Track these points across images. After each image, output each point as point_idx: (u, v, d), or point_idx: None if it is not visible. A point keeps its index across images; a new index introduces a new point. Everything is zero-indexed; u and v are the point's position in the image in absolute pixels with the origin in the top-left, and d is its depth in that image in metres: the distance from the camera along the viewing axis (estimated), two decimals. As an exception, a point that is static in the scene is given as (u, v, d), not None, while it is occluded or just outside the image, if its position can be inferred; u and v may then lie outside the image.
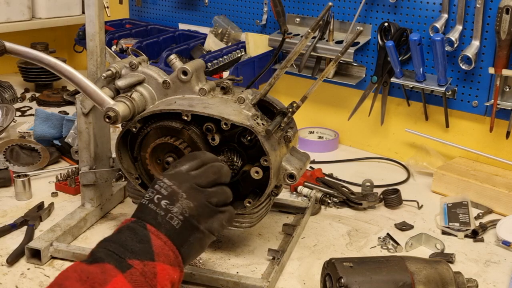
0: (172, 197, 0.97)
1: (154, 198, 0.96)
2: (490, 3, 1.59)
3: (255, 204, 1.20)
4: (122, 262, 0.86)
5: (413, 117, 1.84)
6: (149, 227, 0.93)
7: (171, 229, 0.94)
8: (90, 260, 0.87)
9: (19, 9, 2.46)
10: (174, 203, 0.96)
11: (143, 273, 0.86)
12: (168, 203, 0.96)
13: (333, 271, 1.03)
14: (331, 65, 1.17)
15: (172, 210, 0.95)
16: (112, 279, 0.82)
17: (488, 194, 1.53)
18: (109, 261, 0.85)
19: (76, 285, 0.80)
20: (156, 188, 0.98)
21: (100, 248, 0.89)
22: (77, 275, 0.82)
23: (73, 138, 1.69)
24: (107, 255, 0.87)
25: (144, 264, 0.87)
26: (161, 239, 0.92)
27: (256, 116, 1.17)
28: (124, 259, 0.86)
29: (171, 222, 0.94)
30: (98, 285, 0.81)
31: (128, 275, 0.84)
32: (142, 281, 0.85)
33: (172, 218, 0.95)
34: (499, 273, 1.25)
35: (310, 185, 1.57)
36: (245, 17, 2.15)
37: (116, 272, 0.84)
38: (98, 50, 1.32)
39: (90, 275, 0.82)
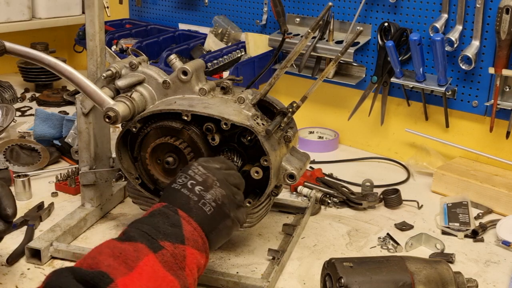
0: (206, 184, 0.99)
1: (188, 183, 0.99)
2: (490, 3, 1.59)
3: (255, 204, 1.20)
4: (154, 242, 0.88)
5: (413, 117, 1.84)
6: (180, 212, 0.95)
7: (203, 215, 0.97)
8: (123, 238, 0.89)
9: (19, 9, 2.46)
10: (208, 189, 0.99)
11: (174, 255, 0.89)
12: (202, 189, 0.99)
13: (333, 271, 1.03)
14: (331, 65, 1.17)
15: (205, 197, 0.98)
16: (144, 257, 0.85)
17: (488, 194, 1.53)
18: (141, 241, 0.88)
19: (109, 259, 0.83)
20: (190, 174, 1.01)
21: (133, 228, 0.91)
22: (110, 251, 0.85)
23: (73, 138, 1.69)
24: (140, 235, 0.89)
25: (174, 247, 0.89)
26: (192, 225, 0.94)
27: (256, 116, 1.17)
28: (156, 240, 0.89)
29: (203, 208, 0.97)
30: (130, 261, 0.83)
31: (159, 255, 0.87)
32: (172, 262, 0.88)
33: (204, 204, 0.97)
34: (499, 273, 1.25)
35: (310, 185, 1.57)
36: (245, 17, 2.15)
37: (148, 251, 0.86)
38: (98, 50, 1.32)
39: (123, 251, 0.85)
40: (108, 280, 0.79)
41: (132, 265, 0.83)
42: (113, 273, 0.80)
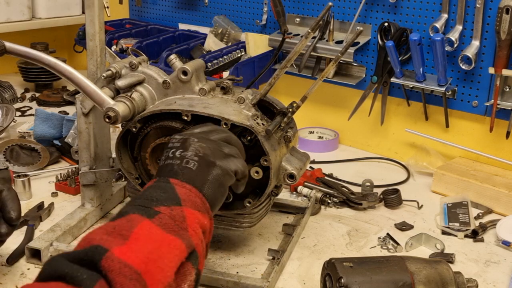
0: (184, 144, 0.98)
1: (169, 154, 0.98)
2: (490, 3, 1.59)
3: (255, 204, 1.20)
4: (149, 210, 0.85)
5: (413, 117, 1.84)
6: (171, 180, 0.92)
7: (189, 172, 0.94)
8: (115, 217, 0.86)
9: (19, 9, 2.46)
10: (187, 148, 0.97)
11: (172, 217, 0.85)
12: (182, 151, 0.97)
13: (333, 271, 1.03)
14: (331, 65, 1.17)
15: (186, 155, 0.96)
16: (138, 224, 0.82)
17: (488, 194, 1.53)
18: (133, 212, 0.85)
19: (102, 235, 0.79)
20: (169, 146, 1.00)
21: (125, 206, 0.89)
22: (103, 230, 0.81)
23: (73, 138, 1.69)
24: (132, 208, 0.86)
25: (171, 209, 0.86)
26: (185, 187, 0.92)
27: (256, 116, 1.17)
28: (151, 207, 0.85)
29: (187, 166, 0.95)
30: (125, 232, 0.80)
31: (156, 219, 0.83)
32: (172, 224, 0.84)
33: (188, 162, 0.95)
34: (499, 273, 1.25)
35: (310, 185, 1.57)
36: (245, 17, 2.15)
37: (142, 218, 0.83)
38: (98, 50, 1.32)
39: (117, 226, 0.81)
40: (103, 250, 0.75)
41: (127, 234, 0.79)
42: (107, 244, 0.76)
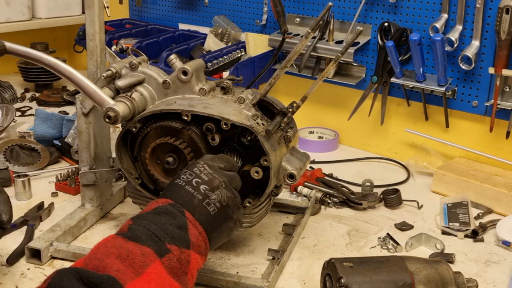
0: (212, 184, 0.99)
1: (193, 181, 0.98)
2: (490, 3, 1.59)
3: (255, 204, 1.20)
4: (161, 246, 0.87)
5: (413, 117, 1.84)
6: (187, 214, 0.94)
7: (206, 215, 0.96)
8: (128, 235, 0.88)
9: (19, 9, 2.46)
10: (213, 190, 0.98)
11: (179, 260, 0.88)
12: (208, 189, 0.98)
13: (333, 271, 1.03)
14: (331, 65, 1.17)
15: (210, 197, 0.97)
16: (152, 263, 0.84)
17: (488, 194, 1.53)
18: (149, 244, 0.86)
19: (117, 263, 0.82)
20: (195, 172, 1.00)
21: (139, 226, 0.89)
22: (116, 251, 0.84)
23: (73, 138, 1.69)
24: (147, 236, 0.87)
25: (181, 251, 0.89)
26: (197, 228, 0.94)
27: (256, 116, 1.17)
28: (164, 243, 0.88)
29: (207, 207, 0.96)
30: (138, 267, 0.82)
31: (166, 259, 0.86)
32: (177, 268, 0.87)
33: (209, 204, 0.97)
34: (499, 273, 1.25)
35: (310, 185, 1.57)
36: (245, 17, 2.15)
37: (155, 257, 0.85)
38: (98, 50, 1.32)
39: (130, 254, 0.84)
40: (118, 286, 0.78)
41: (140, 270, 0.82)
42: (122, 278, 0.79)
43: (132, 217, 0.94)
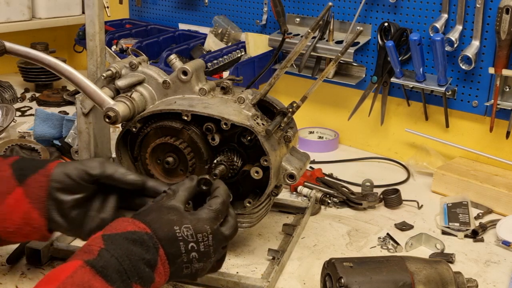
0: (203, 257, 0.95)
1: (189, 244, 0.93)
2: (490, 3, 1.59)
3: (255, 204, 1.20)
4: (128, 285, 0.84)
5: (413, 117, 1.84)
6: (160, 252, 0.90)
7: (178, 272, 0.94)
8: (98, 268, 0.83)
9: (19, 9, 2.46)
10: (200, 261, 0.95)
11: None
12: (197, 258, 0.94)
13: (333, 271, 1.03)
14: (331, 65, 1.17)
15: (193, 264, 0.94)
16: None
17: (488, 194, 1.53)
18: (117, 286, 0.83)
19: None
20: (198, 237, 0.94)
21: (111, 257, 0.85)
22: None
23: (73, 138, 1.69)
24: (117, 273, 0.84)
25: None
26: (164, 267, 0.90)
27: (256, 116, 1.17)
28: (131, 282, 0.85)
29: (184, 269, 0.94)
30: None
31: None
32: None
33: (187, 268, 0.94)
34: (499, 273, 1.25)
35: (310, 185, 1.57)
36: (245, 17, 2.15)
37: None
38: (98, 50, 1.32)
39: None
40: None
41: None
42: None
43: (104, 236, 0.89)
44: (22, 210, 1.03)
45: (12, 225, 1.04)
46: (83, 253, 0.86)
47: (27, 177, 1.04)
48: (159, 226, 0.92)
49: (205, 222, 0.96)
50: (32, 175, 1.04)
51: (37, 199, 1.04)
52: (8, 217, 1.03)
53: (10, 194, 1.03)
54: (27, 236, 1.07)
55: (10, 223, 1.04)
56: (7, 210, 1.03)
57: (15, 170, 1.05)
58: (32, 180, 1.04)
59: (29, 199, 1.03)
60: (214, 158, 1.20)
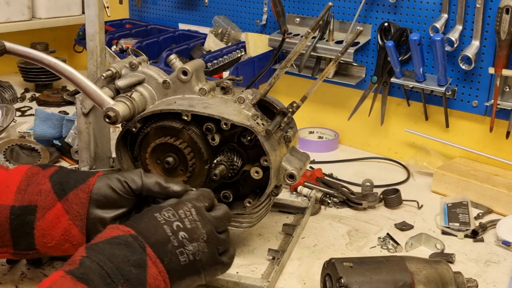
0: (193, 234, 0.91)
1: (174, 224, 0.90)
2: (490, 3, 1.59)
3: (255, 204, 1.20)
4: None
5: (413, 117, 1.84)
6: (148, 250, 0.87)
7: (175, 264, 0.89)
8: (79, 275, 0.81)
9: (19, 9, 2.46)
10: (192, 241, 0.91)
11: None
12: (186, 238, 0.90)
13: (333, 271, 1.03)
14: (331, 65, 1.17)
15: (186, 246, 0.90)
16: None
17: (488, 194, 1.53)
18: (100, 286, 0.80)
19: None
20: (179, 214, 0.92)
21: (92, 263, 0.83)
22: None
23: (73, 138, 1.69)
24: (99, 277, 0.81)
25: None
26: (158, 267, 0.87)
27: (256, 116, 1.17)
28: (116, 285, 0.82)
29: (179, 256, 0.89)
30: None
31: None
32: None
33: (182, 253, 0.89)
34: (499, 273, 1.25)
35: (310, 185, 1.57)
36: (245, 17, 2.15)
37: None
38: (98, 50, 1.32)
39: None
40: None
41: None
42: None
43: (87, 246, 0.87)
44: (62, 226, 1.01)
45: (52, 241, 1.02)
46: (66, 265, 0.84)
47: (67, 192, 1.02)
48: (142, 225, 0.91)
49: (184, 201, 0.95)
50: (72, 191, 1.02)
51: (77, 216, 1.01)
52: (48, 232, 1.01)
53: (50, 209, 1.01)
54: (66, 251, 1.03)
55: (49, 238, 1.02)
56: (47, 226, 1.01)
57: (55, 184, 1.03)
58: (73, 196, 1.01)
59: (69, 216, 1.01)
60: (214, 158, 1.20)
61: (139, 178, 1.03)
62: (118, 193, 1.02)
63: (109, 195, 1.02)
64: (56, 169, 1.07)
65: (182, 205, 0.94)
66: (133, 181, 1.03)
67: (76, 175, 1.05)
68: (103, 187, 1.02)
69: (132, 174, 1.04)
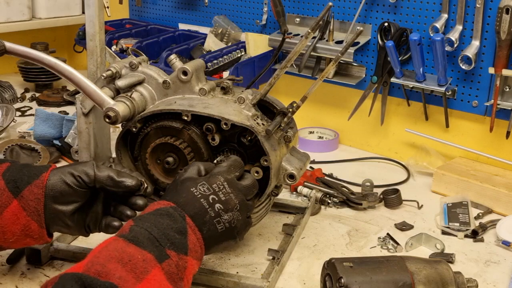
0: (227, 205, 1.00)
1: (209, 197, 0.99)
2: (490, 3, 1.59)
3: (255, 204, 1.20)
4: (161, 251, 0.88)
5: (413, 117, 1.84)
6: (188, 219, 0.95)
7: (213, 231, 0.98)
8: (129, 237, 0.88)
9: (19, 9, 2.46)
10: (227, 211, 0.99)
11: (177, 266, 0.89)
12: (222, 208, 0.99)
13: (333, 271, 1.03)
14: (331, 65, 1.17)
15: (222, 216, 0.99)
16: (152, 270, 0.85)
17: (488, 194, 1.53)
18: (150, 250, 0.87)
19: (118, 267, 0.82)
20: (213, 188, 1.00)
21: (141, 229, 0.90)
22: (118, 255, 0.84)
23: (73, 138, 1.69)
24: (148, 240, 0.88)
25: (179, 258, 0.90)
26: (196, 234, 0.95)
27: (256, 116, 1.17)
28: (164, 248, 0.89)
29: (217, 225, 0.98)
30: (139, 272, 0.83)
31: (165, 265, 0.87)
32: (174, 273, 0.88)
33: (219, 223, 0.98)
34: (499, 273, 1.25)
35: (310, 185, 1.57)
36: (245, 17, 2.15)
37: (155, 263, 0.86)
38: (98, 50, 1.32)
39: (132, 258, 0.85)
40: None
41: (141, 276, 0.83)
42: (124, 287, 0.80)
43: (134, 218, 0.94)
44: (21, 223, 1.04)
45: (13, 236, 1.05)
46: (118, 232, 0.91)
47: (21, 189, 1.04)
48: (180, 197, 0.98)
49: (216, 174, 1.03)
50: (26, 187, 1.04)
51: (35, 211, 1.04)
52: (8, 229, 1.04)
53: (7, 207, 1.04)
54: (28, 243, 1.09)
55: (10, 234, 1.05)
56: (5, 223, 1.04)
57: (8, 182, 1.05)
58: (27, 192, 1.04)
59: (27, 212, 1.04)
60: (214, 158, 1.20)
61: (92, 171, 1.06)
62: (73, 188, 1.05)
63: (65, 190, 1.05)
64: (8, 165, 1.09)
65: (215, 179, 1.02)
66: (86, 174, 1.06)
67: (29, 171, 1.07)
68: (58, 183, 1.05)
69: (85, 167, 1.07)
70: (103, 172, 1.06)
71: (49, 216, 1.05)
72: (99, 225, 1.11)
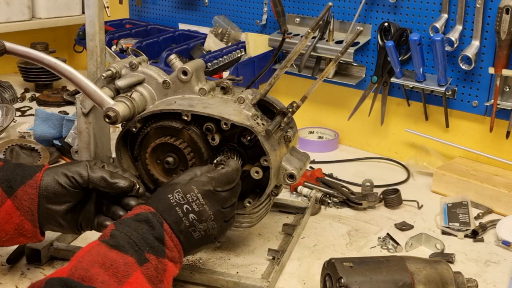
0: (201, 216, 1.00)
1: (183, 206, 0.99)
2: (490, 3, 1.59)
3: (255, 204, 1.20)
4: (141, 255, 0.90)
5: (413, 117, 1.84)
6: (165, 226, 0.96)
7: (190, 238, 1.00)
8: (111, 243, 0.90)
9: (19, 9, 2.46)
10: (201, 221, 1.00)
11: (156, 269, 0.91)
12: (196, 219, 1.00)
13: (333, 271, 1.03)
14: (331, 65, 1.17)
15: (197, 226, 1.00)
16: (133, 273, 0.87)
17: (488, 194, 1.53)
18: (131, 254, 0.89)
19: (101, 272, 0.84)
20: (187, 198, 1.00)
21: (121, 233, 0.92)
22: (101, 260, 0.86)
23: (73, 138, 1.69)
24: (129, 244, 0.90)
25: (158, 261, 0.92)
26: (173, 241, 0.97)
27: (256, 116, 1.17)
28: (143, 252, 0.91)
29: (192, 234, 1.00)
30: (121, 276, 0.86)
31: (145, 268, 0.90)
32: (154, 276, 0.91)
33: (194, 231, 1.00)
34: (499, 273, 1.25)
35: (310, 185, 1.57)
36: (245, 17, 2.15)
37: (136, 266, 0.88)
38: (98, 50, 1.32)
39: (114, 263, 0.87)
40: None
41: (123, 280, 0.85)
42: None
43: (115, 222, 0.96)
44: (15, 222, 1.05)
45: (6, 235, 1.06)
46: (100, 237, 0.93)
47: (15, 189, 1.05)
48: (159, 203, 0.99)
49: (192, 184, 1.02)
50: (20, 187, 1.05)
51: (29, 211, 1.05)
52: (1, 228, 1.05)
53: (1, 206, 1.05)
54: (21, 242, 1.10)
55: (3, 233, 1.06)
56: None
57: (2, 182, 1.06)
58: (21, 192, 1.05)
59: (20, 212, 1.05)
60: (214, 158, 1.20)
61: (85, 172, 1.07)
62: (66, 188, 1.06)
63: (58, 190, 1.06)
64: (1, 164, 1.09)
65: (189, 189, 1.01)
66: (80, 175, 1.07)
67: (23, 171, 1.08)
68: (52, 183, 1.06)
69: (79, 167, 1.08)
70: (96, 173, 1.07)
71: (43, 215, 1.06)
72: (91, 224, 1.12)
